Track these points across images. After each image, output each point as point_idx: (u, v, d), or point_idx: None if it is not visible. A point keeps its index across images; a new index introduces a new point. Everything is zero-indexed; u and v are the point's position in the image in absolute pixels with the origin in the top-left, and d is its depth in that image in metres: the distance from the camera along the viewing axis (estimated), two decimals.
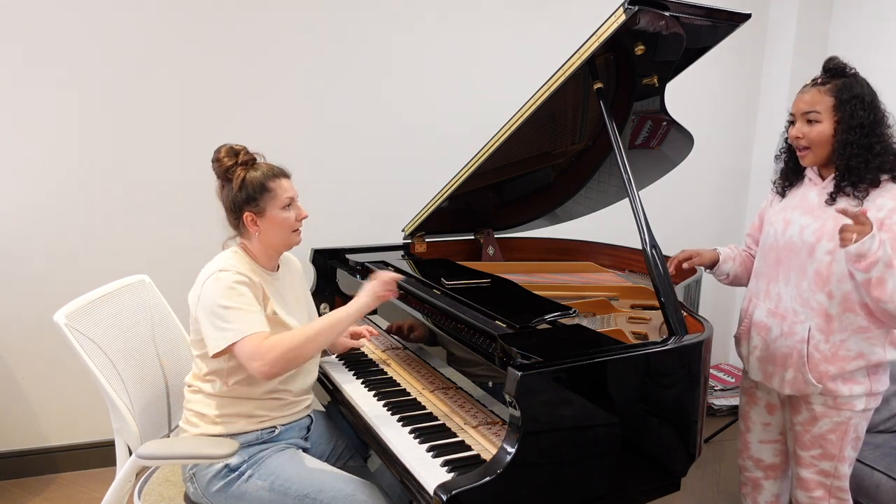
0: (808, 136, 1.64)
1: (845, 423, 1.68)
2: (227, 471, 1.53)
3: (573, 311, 1.57)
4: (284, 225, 1.61)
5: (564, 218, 2.55)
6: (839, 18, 3.36)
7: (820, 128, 1.62)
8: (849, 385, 1.65)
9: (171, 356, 1.80)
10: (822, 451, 1.71)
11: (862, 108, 1.58)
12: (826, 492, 1.74)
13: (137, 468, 1.58)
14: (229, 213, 1.62)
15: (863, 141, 1.57)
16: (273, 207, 1.59)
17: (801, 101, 1.67)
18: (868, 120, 1.58)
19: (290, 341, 1.47)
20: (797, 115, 1.68)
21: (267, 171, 1.60)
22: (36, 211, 2.49)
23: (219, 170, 1.60)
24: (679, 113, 2.10)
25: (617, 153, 1.66)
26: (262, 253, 1.63)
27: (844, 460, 1.71)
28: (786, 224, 1.73)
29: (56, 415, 2.63)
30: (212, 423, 1.57)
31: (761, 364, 1.79)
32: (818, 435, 1.71)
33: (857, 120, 1.57)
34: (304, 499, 1.50)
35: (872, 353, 1.64)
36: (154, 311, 1.81)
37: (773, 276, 1.75)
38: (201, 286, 1.53)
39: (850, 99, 1.58)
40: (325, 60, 2.76)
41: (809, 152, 1.66)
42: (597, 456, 1.35)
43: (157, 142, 2.59)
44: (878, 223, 1.51)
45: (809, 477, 1.75)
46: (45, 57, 2.41)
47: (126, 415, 1.56)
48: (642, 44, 1.72)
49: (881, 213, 1.55)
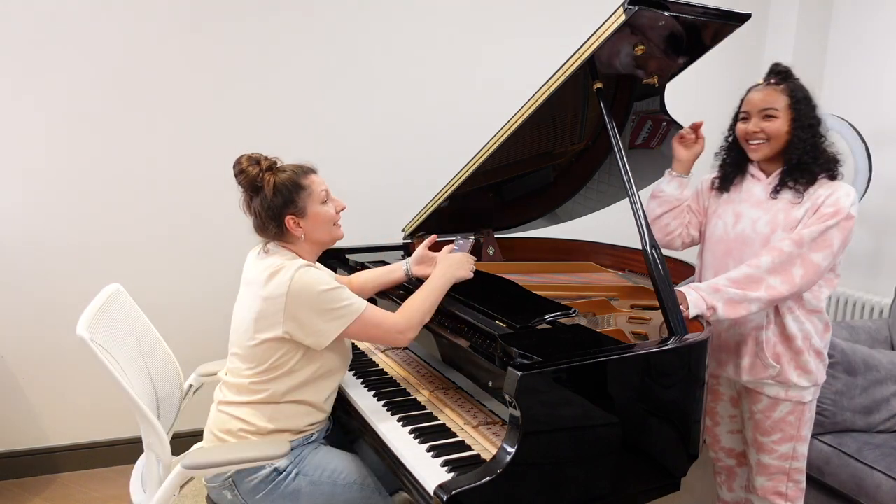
0: (767, 130, 1.73)
1: (802, 405, 1.78)
2: (276, 473, 1.51)
3: (573, 311, 1.57)
4: (327, 220, 1.60)
5: (564, 218, 2.55)
6: (839, 18, 3.36)
7: (778, 123, 1.71)
8: (797, 371, 1.75)
9: (154, 366, 1.75)
10: (783, 434, 1.80)
11: (810, 109, 1.71)
12: (784, 475, 1.83)
13: (182, 480, 1.54)
14: (269, 222, 1.56)
15: (812, 140, 1.69)
16: (313, 204, 1.57)
17: (757, 99, 1.76)
18: (815, 121, 1.71)
19: (422, 305, 1.60)
20: (753, 112, 1.76)
21: (296, 170, 1.58)
22: (36, 211, 2.49)
23: (245, 181, 1.56)
24: (679, 113, 2.10)
25: (617, 153, 1.66)
26: (309, 253, 1.62)
27: (803, 440, 1.81)
28: (736, 217, 1.80)
29: (56, 415, 2.63)
30: (266, 434, 1.55)
31: (714, 353, 1.85)
32: (778, 419, 1.79)
33: (807, 119, 1.70)
34: (352, 486, 1.54)
35: (807, 329, 1.75)
36: (136, 320, 1.76)
37: (723, 266, 1.81)
38: (286, 287, 1.47)
39: (803, 99, 1.71)
40: (325, 61, 2.76)
41: (765, 146, 1.74)
42: (597, 456, 1.35)
43: (156, 142, 2.59)
44: (813, 208, 1.66)
45: (770, 462, 1.83)
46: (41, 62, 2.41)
47: (159, 429, 1.52)
48: (642, 44, 1.72)
49: (819, 201, 1.67)
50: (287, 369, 1.53)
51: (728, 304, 1.63)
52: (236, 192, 1.56)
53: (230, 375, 1.61)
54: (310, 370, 1.55)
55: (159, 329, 1.86)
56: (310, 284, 1.47)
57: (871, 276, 3.28)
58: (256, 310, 1.51)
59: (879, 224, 3.23)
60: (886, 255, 3.22)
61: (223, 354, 1.70)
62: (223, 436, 1.56)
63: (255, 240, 1.69)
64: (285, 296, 1.47)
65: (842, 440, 2.25)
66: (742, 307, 1.63)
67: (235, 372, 1.59)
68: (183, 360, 1.90)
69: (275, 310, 1.48)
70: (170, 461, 1.58)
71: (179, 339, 2.15)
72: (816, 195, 1.68)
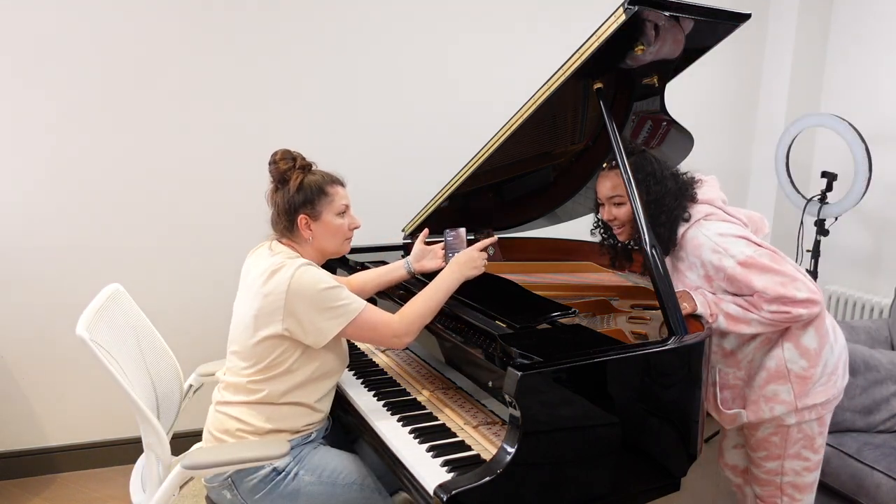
0: (619, 217, 1.77)
1: (785, 429, 1.75)
2: (275, 473, 1.51)
3: (573, 311, 1.57)
4: (338, 232, 1.63)
5: (564, 218, 2.54)
6: (839, 18, 3.36)
7: (627, 208, 1.74)
8: (769, 405, 1.73)
9: (154, 366, 1.76)
10: (767, 452, 1.80)
11: (655, 183, 1.72)
12: (776, 488, 1.83)
13: (182, 480, 1.55)
14: (283, 216, 1.60)
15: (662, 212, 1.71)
16: (329, 212, 1.60)
17: (603, 187, 1.79)
18: (660, 188, 1.72)
19: (422, 309, 1.57)
20: (604, 200, 1.80)
21: (325, 176, 1.62)
22: (36, 211, 2.49)
23: (275, 172, 1.60)
24: (679, 113, 2.10)
25: (617, 153, 1.66)
26: (312, 257, 1.62)
27: (792, 458, 1.78)
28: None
29: (56, 415, 2.63)
30: (263, 434, 1.55)
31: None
32: (761, 438, 1.80)
33: (652, 196, 1.70)
34: (352, 486, 1.54)
35: (771, 357, 1.72)
36: (136, 320, 1.76)
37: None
38: (286, 285, 1.47)
39: (645, 178, 1.72)
40: (325, 62, 2.76)
41: (626, 229, 1.79)
42: (597, 456, 1.35)
43: (157, 142, 2.59)
44: (710, 277, 1.68)
45: (760, 475, 1.85)
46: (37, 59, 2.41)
47: (158, 429, 1.52)
48: (642, 44, 1.72)
49: (710, 271, 1.67)
50: (285, 368, 1.53)
51: (728, 317, 1.64)
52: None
53: (229, 374, 1.62)
54: (307, 370, 1.55)
55: (159, 329, 1.86)
56: (310, 282, 1.48)
57: (871, 276, 3.28)
58: (257, 307, 1.51)
59: (879, 224, 3.23)
60: (886, 255, 3.22)
61: (223, 354, 1.70)
62: (221, 436, 1.57)
63: (254, 240, 1.70)
64: (285, 293, 1.47)
65: (842, 440, 2.25)
66: (742, 324, 1.64)
67: (234, 370, 1.60)
68: (183, 360, 1.90)
69: (275, 307, 1.49)
70: (169, 461, 1.58)
71: (179, 339, 2.15)
72: (701, 260, 1.67)
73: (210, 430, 1.61)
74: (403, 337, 1.56)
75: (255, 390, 1.55)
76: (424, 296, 1.60)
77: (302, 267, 1.50)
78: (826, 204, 2.99)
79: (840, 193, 2.95)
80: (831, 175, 2.97)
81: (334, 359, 1.60)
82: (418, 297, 1.61)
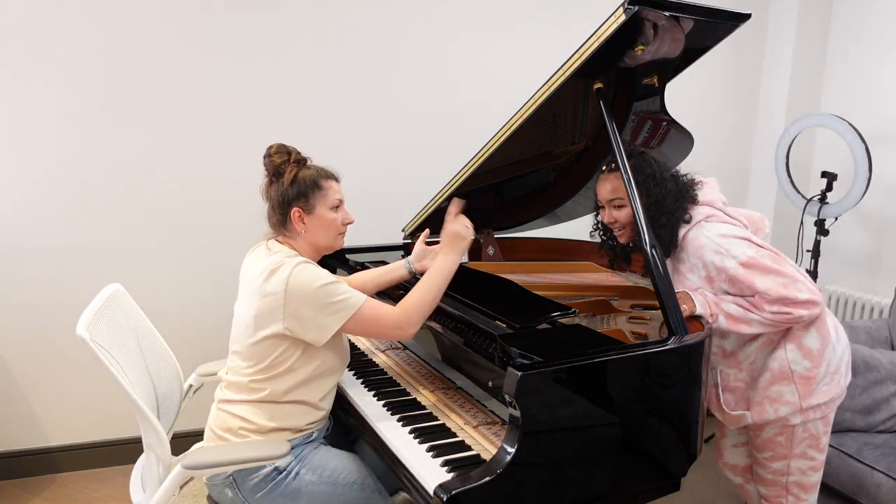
0: (620, 219, 1.77)
1: (791, 429, 1.76)
2: (276, 472, 1.51)
3: (573, 311, 1.57)
4: (331, 226, 1.63)
5: (564, 218, 2.55)
6: (839, 18, 3.36)
7: (628, 210, 1.73)
8: (774, 406, 1.74)
9: (154, 366, 1.75)
10: (773, 453, 1.81)
11: (656, 185, 1.72)
12: (782, 488, 1.83)
13: (182, 480, 1.54)
14: (276, 209, 1.61)
15: (662, 213, 1.71)
16: (322, 206, 1.60)
17: (604, 190, 1.78)
18: (661, 189, 1.72)
19: (423, 297, 1.55)
20: (604, 203, 1.80)
21: (320, 171, 1.63)
22: (36, 211, 2.49)
23: (270, 165, 1.61)
24: (679, 113, 2.10)
25: (617, 153, 1.66)
26: (307, 253, 1.63)
27: (798, 457, 1.79)
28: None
29: (56, 415, 2.63)
30: (266, 433, 1.55)
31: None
32: (767, 439, 1.80)
33: (652, 197, 1.70)
34: (352, 485, 1.54)
35: (774, 359, 1.72)
36: (136, 320, 1.76)
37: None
38: (284, 284, 1.47)
39: (645, 180, 1.72)
40: (325, 62, 2.76)
41: (626, 231, 1.79)
42: (597, 456, 1.35)
43: (157, 142, 2.59)
44: (713, 278, 1.68)
45: (765, 475, 1.85)
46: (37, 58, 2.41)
47: (158, 428, 1.52)
48: (642, 44, 1.72)
49: (711, 272, 1.68)
50: (286, 367, 1.53)
51: (728, 317, 1.65)
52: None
53: (230, 374, 1.62)
54: (309, 369, 1.55)
55: (159, 329, 1.86)
56: (308, 280, 1.48)
57: (870, 276, 3.28)
58: (256, 307, 1.51)
59: (879, 224, 3.23)
60: (886, 255, 3.22)
61: (223, 354, 1.70)
62: (224, 434, 1.57)
63: (254, 240, 1.70)
64: (284, 292, 1.47)
65: (842, 440, 2.25)
66: (743, 324, 1.64)
67: (235, 370, 1.60)
68: (183, 360, 1.90)
69: (274, 306, 1.49)
70: (170, 461, 1.58)
71: (179, 339, 2.15)
72: (702, 262, 1.68)
73: (212, 428, 1.61)
74: (406, 328, 1.55)
75: (258, 389, 1.55)
76: (423, 284, 1.59)
77: (300, 265, 1.50)
78: (826, 204, 2.99)
79: (840, 193, 2.95)
80: (831, 175, 2.97)
81: (335, 356, 1.60)
82: (417, 287, 1.60)
